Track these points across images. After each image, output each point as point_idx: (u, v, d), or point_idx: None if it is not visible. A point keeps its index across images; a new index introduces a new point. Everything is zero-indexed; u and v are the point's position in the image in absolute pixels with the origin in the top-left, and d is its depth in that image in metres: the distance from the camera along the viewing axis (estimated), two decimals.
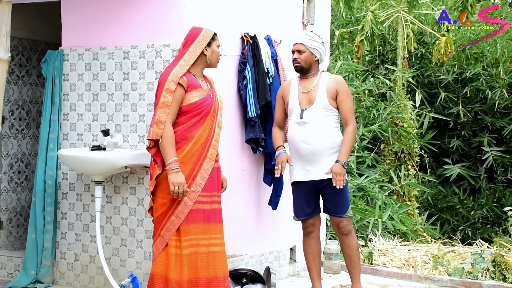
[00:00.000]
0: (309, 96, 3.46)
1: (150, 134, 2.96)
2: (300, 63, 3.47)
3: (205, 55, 3.08)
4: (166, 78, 2.98)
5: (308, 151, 3.43)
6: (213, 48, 3.12)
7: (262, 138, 3.97)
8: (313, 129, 3.42)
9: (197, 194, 3.02)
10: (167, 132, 2.94)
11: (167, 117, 2.95)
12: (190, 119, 3.02)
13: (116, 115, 3.75)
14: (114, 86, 3.76)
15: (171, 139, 2.95)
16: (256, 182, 4.16)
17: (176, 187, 2.92)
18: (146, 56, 3.63)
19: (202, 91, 3.06)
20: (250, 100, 3.88)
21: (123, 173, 3.70)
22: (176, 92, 2.96)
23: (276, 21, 4.31)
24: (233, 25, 3.91)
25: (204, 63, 3.11)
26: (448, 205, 7.32)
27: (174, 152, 2.95)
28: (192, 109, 3.02)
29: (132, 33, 3.68)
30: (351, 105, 3.45)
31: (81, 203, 3.89)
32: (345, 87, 3.46)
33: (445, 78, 7.66)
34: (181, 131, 3.01)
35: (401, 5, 6.91)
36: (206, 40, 3.09)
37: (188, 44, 3.09)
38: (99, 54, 3.79)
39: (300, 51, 3.47)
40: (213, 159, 3.08)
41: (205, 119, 3.04)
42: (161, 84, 2.99)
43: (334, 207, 3.46)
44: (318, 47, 3.47)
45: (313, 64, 3.48)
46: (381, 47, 7.77)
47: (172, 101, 2.95)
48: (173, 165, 2.93)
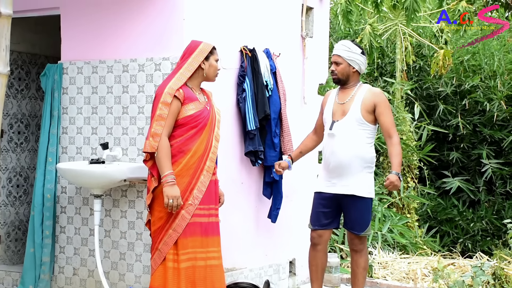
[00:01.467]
0: (343, 107, 3.41)
1: (146, 146, 2.96)
2: (337, 75, 3.41)
3: (202, 69, 3.09)
4: (162, 90, 2.99)
5: (335, 164, 3.39)
6: (211, 62, 3.12)
7: (261, 151, 3.97)
8: (342, 142, 3.37)
9: (195, 207, 3.01)
10: (163, 145, 2.94)
11: (163, 129, 2.95)
12: (187, 132, 3.02)
13: (115, 128, 3.76)
14: (113, 99, 3.76)
15: (167, 152, 2.95)
16: (255, 194, 4.16)
17: (170, 200, 2.91)
18: (146, 69, 3.64)
19: (198, 104, 3.06)
20: (249, 113, 3.89)
21: (122, 187, 3.69)
22: (172, 104, 2.97)
23: (275, 34, 4.33)
24: (232, 38, 3.93)
25: (201, 77, 3.11)
26: (448, 217, 7.31)
27: (169, 165, 2.94)
28: (189, 121, 3.02)
29: (132, 46, 3.70)
30: (391, 117, 3.38)
31: (79, 217, 3.87)
32: (384, 99, 3.37)
33: (443, 90, 7.68)
34: (177, 144, 3.01)
35: (399, 18, 6.96)
36: (204, 53, 3.09)
37: (186, 57, 3.10)
38: (99, 68, 3.81)
39: (337, 63, 3.40)
40: (210, 172, 3.08)
41: (202, 132, 3.04)
42: (158, 97, 2.99)
43: (353, 223, 3.42)
44: (356, 58, 3.40)
45: (351, 75, 3.41)
46: (379, 59, 7.79)
47: (168, 113, 2.96)
48: (168, 178, 2.92)
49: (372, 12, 6.98)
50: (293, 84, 4.49)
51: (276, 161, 4.05)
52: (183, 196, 2.99)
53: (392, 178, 3.32)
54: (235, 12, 3.96)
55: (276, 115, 4.06)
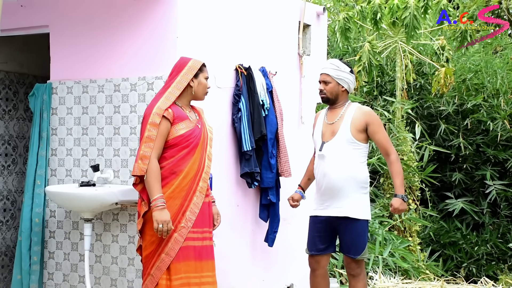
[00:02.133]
0: (332, 128, 3.43)
1: (135, 169, 2.96)
2: (326, 95, 3.44)
3: (191, 87, 3.09)
4: (150, 111, 2.99)
5: (327, 186, 3.41)
6: (200, 80, 3.12)
7: (258, 172, 3.97)
8: (333, 163, 3.39)
9: (188, 230, 3.01)
10: (152, 168, 2.94)
11: (152, 151, 2.95)
12: (178, 152, 3.02)
13: (107, 150, 3.76)
14: (104, 120, 3.77)
15: (157, 175, 2.94)
16: (252, 217, 4.15)
17: (160, 225, 2.90)
18: (138, 89, 3.66)
19: (189, 123, 3.07)
20: (245, 133, 3.90)
21: (114, 210, 3.69)
22: (161, 125, 2.97)
23: (271, 52, 4.36)
24: (227, 57, 3.95)
25: (190, 95, 3.12)
26: (451, 240, 7.28)
27: (159, 188, 2.94)
28: (180, 141, 3.02)
29: (123, 65, 3.71)
30: (386, 134, 3.40)
31: (69, 242, 3.86)
32: (375, 117, 3.40)
33: (445, 109, 7.69)
34: (169, 166, 3.00)
35: (399, 35, 7.01)
36: (193, 71, 3.10)
37: (174, 75, 3.10)
38: (89, 87, 3.82)
39: (326, 82, 3.43)
40: (203, 193, 3.08)
41: (194, 151, 3.04)
42: (146, 118, 3.00)
43: (349, 246, 3.42)
44: (345, 77, 3.43)
45: (340, 94, 3.44)
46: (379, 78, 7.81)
47: (157, 135, 2.96)
48: (158, 202, 2.91)
49: (371, 29, 7.04)
50: (290, 103, 4.50)
51: (273, 182, 4.07)
52: (175, 218, 2.99)
53: (396, 203, 3.33)
54: (230, 29, 4.00)
55: (272, 135, 4.08)
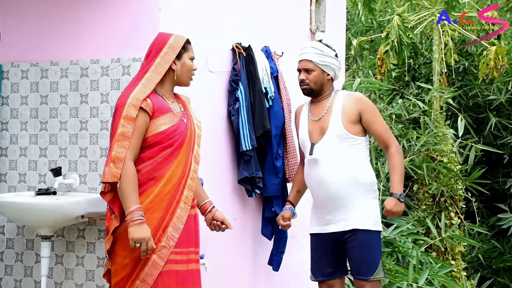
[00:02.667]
0: (320, 124, 3.46)
1: (105, 175, 2.94)
2: (309, 85, 3.47)
3: (173, 70, 3.09)
4: (124, 102, 2.97)
5: (325, 196, 3.44)
6: (184, 61, 3.12)
7: (260, 177, 3.98)
8: (328, 167, 3.41)
9: (170, 250, 2.99)
10: (128, 172, 2.92)
11: (127, 152, 2.93)
12: (159, 153, 3.01)
13: (71, 149, 3.77)
14: (68, 112, 3.78)
15: (133, 181, 2.93)
16: (252, 234, 4.17)
17: (137, 244, 2.89)
18: (110, 73, 3.66)
19: (172, 116, 3.07)
20: (244, 129, 3.91)
21: (79, 225, 3.69)
22: (137, 119, 2.96)
23: (277, 28, 4.35)
24: (221, 34, 3.94)
25: (172, 80, 3.12)
26: (506, 265, 7.28)
27: (136, 198, 2.92)
28: (161, 140, 3.01)
29: (93, 44, 3.71)
30: (383, 122, 3.44)
31: (21, 265, 3.86)
32: (368, 104, 3.46)
33: (496, 98, 7.70)
34: (147, 169, 3.00)
35: (436, 5, 7.01)
36: (176, 50, 3.09)
37: (153, 56, 3.09)
38: (49, 71, 3.82)
39: (308, 70, 3.46)
40: (188, 204, 3.07)
41: (178, 152, 3.03)
42: (118, 110, 2.98)
43: (359, 266, 3.44)
44: (330, 63, 3.47)
45: (325, 84, 3.48)
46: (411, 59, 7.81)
47: (133, 131, 2.95)
48: (135, 215, 2.89)
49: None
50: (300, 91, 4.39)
51: (279, 190, 4.09)
52: (154, 236, 2.97)
53: (389, 204, 3.37)
54: (225, 1, 4.00)
55: (278, 131, 4.10)
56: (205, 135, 3.68)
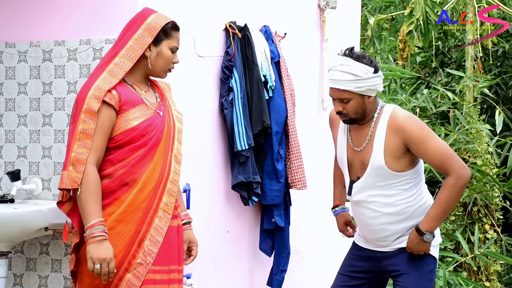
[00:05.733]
0: (361, 157, 3.39)
1: (63, 180, 2.95)
2: (348, 115, 3.34)
3: (146, 57, 3.09)
4: (86, 93, 2.99)
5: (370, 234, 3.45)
6: (162, 49, 3.09)
7: (258, 182, 4.00)
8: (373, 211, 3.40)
9: (147, 268, 3.01)
10: (89, 179, 2.93)
11: (89, 154, 2.95)
12: (131, 154, 3.02)
13: (32, 148, 3.76)
14: (28, 104, 3.78)
15: (95, 189, 2.94)
16: (249, 249, 4.20)
17: (97, 265, 2.89)
18: (79, 57, 3.66)
19: (145, 109, 3.07)
20: (239, 125, 3.92)
21: (42, 239, 3.69)
22: (100, 114, 2.96)
23: (279, 4, 4.39)
24: (212, 11, 3.97)
25: (145, 68, 3.12)
26: None
27: (98, 210, 2.93)
28: (133, 138, 3.02)
29: (58, 22, 3.72)
30: (439, 147, 3.27)
31: None
32: (414, 131, 3.28)
33: None
34: (118, 174, 3.01)
35: None
36: (153, 32, 3.07)
37: (127, 37, 3.09)
38: (5, 54, 3.83)
39: (343, 100, 3.32)
40: (169, 213, 3.08)
41: (153, 151, 3.05)
42: (79, 104, 2.99)
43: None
44: (369, 85, 3.29)
45: (367, 108, 3.34)
46: (440, 41, 7.86)
47: (95, 130, 2.96)
48: (95, 230, 2.89)
49: None
50: (306, 80, 4.54)
51: (280, 197, 4.12)
52: (128, 251, 2.99)
53: (410, 242, 3.33)
54: None
55: (280, 127, 4.12)
56: (193, 132, 3.76)
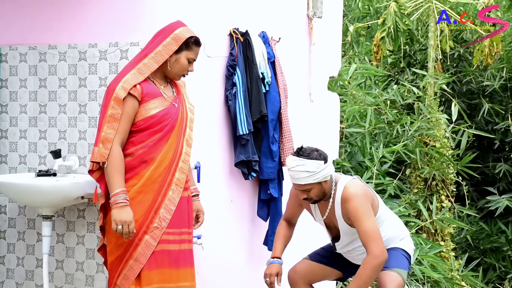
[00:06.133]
0: (332, 223, 3.48)
1: (94, 155, 3.02)
2: (313, 199, 3.40)
3: (167, 62, 3.11)
4: (115, 85, 3.02)
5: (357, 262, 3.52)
6: (180, 58, 3.12)
7: (256, 161, 4.00)
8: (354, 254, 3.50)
9: (162, 231, 3.05)
10: (114, 155, 2.98)
11: (115, 135, 3.00)
12: (150, 137, 3.06)
13: (70, 132, 3.77)
14: (67, 95, 3.78)
15: (119, 164, 2.99)
16: (248, 216, 4.19)
17: (119, 226, 2.94)
18: (109, 57, 3.66)
19: (163, 101, 3.10)
20: (241, 113, 3.92)
21: (79, 205, 3.70)
22: (126, 103, 3.01)
23: (274, 13, 4.36)
24: (219, 19, 3.95)
25: (165, 70, 3.14)
26: (493, 246, 7.34)
27: (121, 181, 2.98)
28: (151, 124, 3.06)
29: (91, 27, 3.71)
30: (366, 229, 3.26)
31: (24, 244, 3.88)
32: (352, 206, 3.30)
33: (489, 85, 7.72)
34: (139, 153, 3.05)
35: None
36: (178, 42, 3.10)
37: (157, 42, 3.11)
38: (48, 55, 3.81)
39: (306, 190, 3.36)
40: (181, 186, 3.12)
41: (168, 135, 3.08)
42: (109, 93, 3.03)
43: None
44: (323, 175, 3.32)
45: (326, 189, 3.39)
46: (407, 46, 7.84)
47: (121, 116, 3.00)
48: (119, 198, 2.95)
49: None
50: (296, 76, 4.53)
51: (274, 173, 4.11)
52: (146, 217, 3.04)
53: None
54: None
55: (274, 116, 4.10)
56: (203, 119, 3.76)
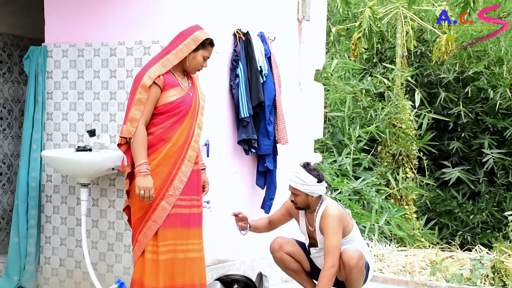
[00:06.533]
0: (313, 234, 3.49)
1: (123, 131, 3.01)
2: (297, 204, 3.45)
3: (186, 58, 3.09)
4: (143, 74, 3.00)
5: None
6: (197, 55, 3.10)
7: (255, 139, 3.97)
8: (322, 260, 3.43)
9: (175, 197, 3.06)
10: (139, 133, 2.98)
11: (141, 116, 2.98)
12: (168, 120, 3.05)
13: (103, 115, 3.77)
14: (100, 84, 3.77)
15: (143, 140, 2.99)
16: (249, 184, 4.17)
17: (142, 191, 2.95)
18: (134, 53, 3.65)
19: (180, 90, 3.08)
20: (243, 100, 3.89)
21: (110, 175, 3.71)
22: (151, 90, 2.99)
23: (270, 17, 4.32)
24: (225, 21, 3.92)
25: (184, 65, 3.12)
26: (447, 209, 7.39)
27: (144, 154, 2.98)
28: (170, 109, 3.04)
29: (119, 28, 3.69)
30: (329, 243, 3.28)
31: (66, 206, 3.90)
32: (327, 223, 3.33)
33: (445, 77, 7.72)
34: (158, 133, 3.04)
35: (400, 0, 6.97)
36: (196, 43, 3.08)
37: (179, 42, 3.09)
38: (85, 51, 3.81)
39: (295, 194, 3.43)
40: (192, 161, 3.11)
41: (183, 119, 3.06)
42: (137, 81, 3.02)
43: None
44: (313, 190, 3.38)
45: (311, 202, 3.42)
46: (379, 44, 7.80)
47: (147, 99, 2.99)
48: (142, 168, 2.96)
49: None
50: (288, 69, 4.48)
51: (270, 149, 4.08)
52: (163, 186, 3.03)
53: None
54: None
55: (270, 102, 4.07)
56: (211, 105, 3.71)
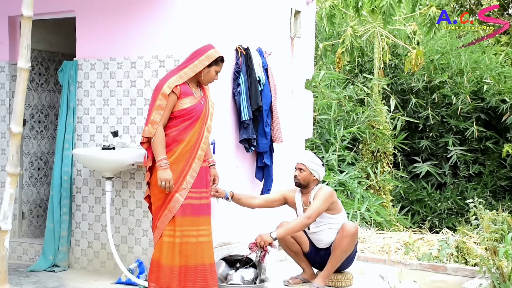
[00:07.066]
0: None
1: (144, 132, 3.02)
2: (299, 180, 3.43)
3: (201, 72, 3.10)
4: (163, 84, 3.02)
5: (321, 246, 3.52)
6: (210, 70, 3.12)
7: (254, 139, 3.97)
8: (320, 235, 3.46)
9: (187, 190, 3.07)
10: (159, 133, 3.00)
11: (161, 119, 3.00)
12: (181, 123, 3.06)
13: (124, 118, 3.75)
14: (122, 93, 3.76)
15: (162, 140, 3.01)
16: (249, 177, 4.16)
17: (163, 182, 2.99)
18: (151, 66, 3.63)
19: (193, 99, 3.09)
20: (244, 105, 3.89)
21: (131, 170, 3.70)
22: (169, 98, 3.01)
23: (267, 34, 4.31)
24: (228, 38, 3.91)
25: (198, 77, 3.13)
26: (418, 198, 7.37)
27: (163, 151, 3.00)
28: (183, 114, 3.05)
29: (139, 45, 3.69)
30: (317, 204, 3.31)
31: (93, 197, 3.88)
32: (319, 192, 3.37)
33: (415, 85, 7.71)
34: (173, 134, 3.05)
35: (377, 21, 6.96)
36: (209, 60, 3.09)
37: (195, 58, 3.11)
38: (109, 64, 3.79)
39: (301, 169, 3.42)
40: (201, 160, 3.12)
41: (195, 124, 3.07)
42: (158, 89, 3.03)
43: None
44: (317, 169, 3.41)
45: (311, 182, 3.43)
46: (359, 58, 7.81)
47: (166, 105, 3.00)
48: (162, 163, 2.98)
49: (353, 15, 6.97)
50: (282, 79, 4.49)
51: (267, 147, 4.07)
52: (177, 181, 3.04)
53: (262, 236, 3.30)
54: (231, 14, 3.94)
55: (267, 107, 4.07)
56: (217, 109, 3.71)
